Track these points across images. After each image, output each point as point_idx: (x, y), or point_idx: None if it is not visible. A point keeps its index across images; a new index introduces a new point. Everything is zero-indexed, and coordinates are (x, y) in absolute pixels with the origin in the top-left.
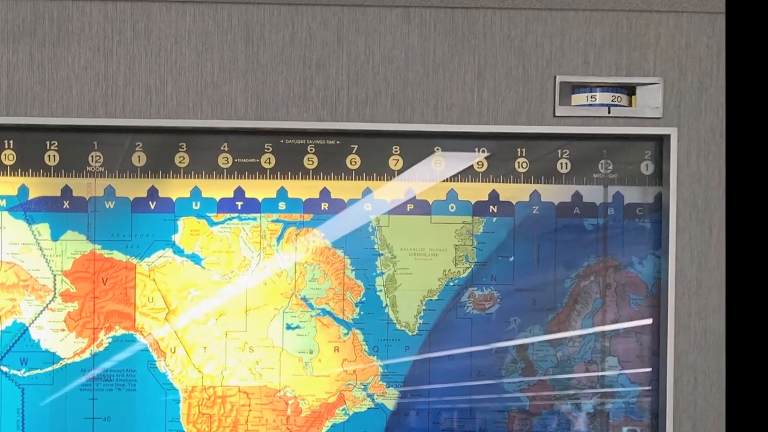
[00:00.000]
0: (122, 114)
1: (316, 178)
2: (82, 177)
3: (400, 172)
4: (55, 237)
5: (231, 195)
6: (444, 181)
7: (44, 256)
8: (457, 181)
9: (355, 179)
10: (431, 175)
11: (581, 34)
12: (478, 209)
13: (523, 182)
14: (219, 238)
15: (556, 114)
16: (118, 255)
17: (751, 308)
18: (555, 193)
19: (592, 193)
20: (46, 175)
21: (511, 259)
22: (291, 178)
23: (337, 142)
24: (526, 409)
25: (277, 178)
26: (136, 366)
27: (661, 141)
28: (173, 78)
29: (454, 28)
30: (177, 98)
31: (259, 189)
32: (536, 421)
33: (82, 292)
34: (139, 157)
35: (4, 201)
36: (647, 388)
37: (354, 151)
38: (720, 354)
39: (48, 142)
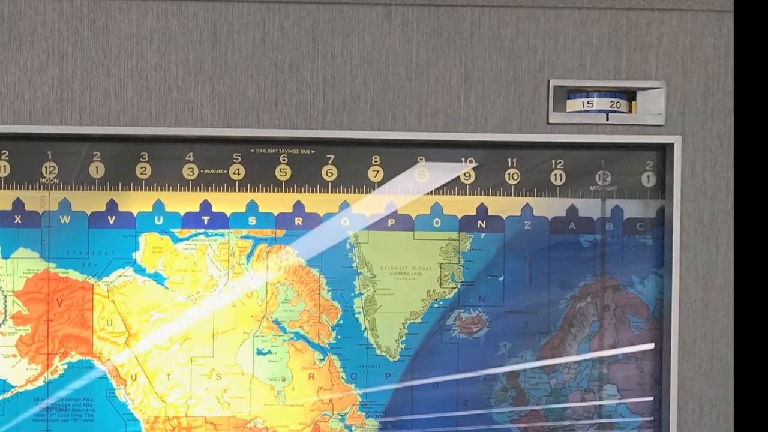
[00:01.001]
0: (78, 121)
1: (289, 191)
2: (35, 189)
3: (380, 184)
4: (5, 255)
5: (197, 209)
6: (428, 193)
7: None
8: (443, 193)
9: (332, 192)
10: (414, 187)
11: (577, 35)
12: (465, 224)
13: (514, 195)
14: (184, 256)
15: (550, 121)
16: (74, 274)
17: (761, 332)
18: (548, 207)
19: (589, 207)
20: None
21: (501, 278)
22: (262, 191)
23: (312, 151)
24: None
25: (246, 191)
26: (93, 395)
27: (664, 150)
28: (134, 82)
29: (438, 28)
30: (138, 104)
31: (227, 202)
32: None
33: (35, 315)
34: (96, 167)
35: None
36: (649, 418)
37: (330, 162)
38: (728, 382)
39: None
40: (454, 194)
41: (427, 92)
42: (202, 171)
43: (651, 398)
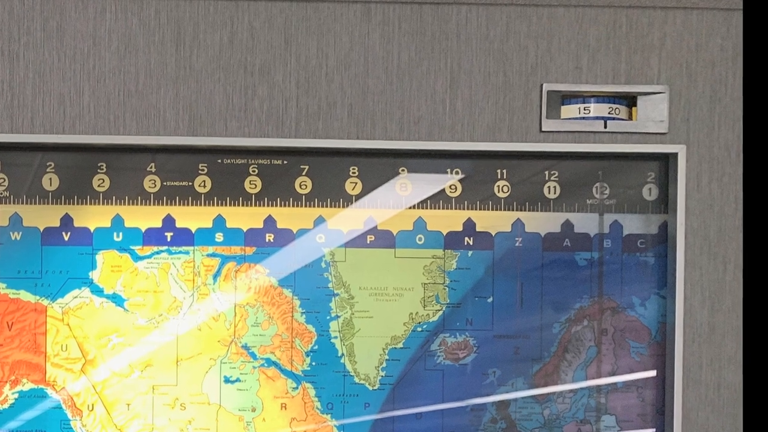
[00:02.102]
0: (30, 129)
1: (259, 205)
2: None
3: (358, 197)
4: None
5: (159, 224)
6: (410, 208)
7: None
8: (426, 208)
9: (306, 206)
10: (395, 201)
11: (573, 35)
12: (451, 241)
13: (504, 209)
14: (145, 276)
15: (543, 129)
16: (25, 295)
17: None
18: (542, 223)
19: (586, 223)
20: None
21: (490, 300)
22: (230, 205)
23: (285, 162)
24: None
25: (213, 205)
26: (47, 426)
27: (667, 161)
28: (91, 86)
29: (422, 27)
30: (95, 110)
31: (192, 217)
32: None
33: None
34: (50, 179)
35: None
36: None
37: (304, 173)
38: (736, 412)
39: None
40: (439, 208)
41: (410, 97)
42: (164, 183)
43: (653, 430)
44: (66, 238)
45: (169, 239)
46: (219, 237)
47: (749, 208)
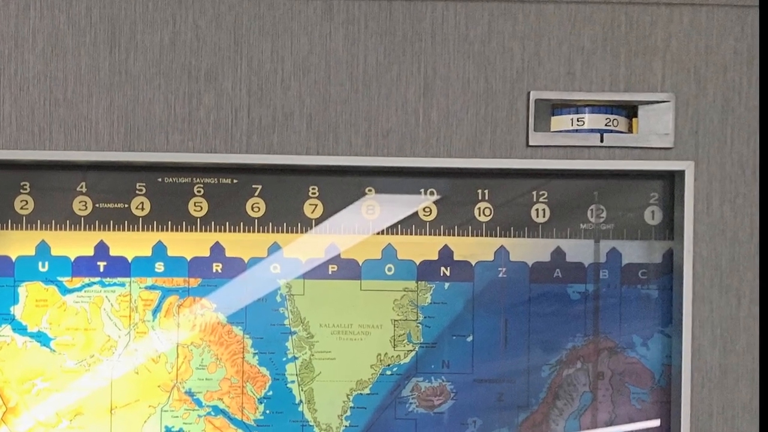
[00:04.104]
0: None
1: (205, 230)
2: None
3: (319, 221)
4: None
5: (90, 252)
6: (378, 233)
7: None
8: (397, 233)
9: (259, 231)
10: (361, 225)
11: (564, 35)
12: (425, 272)
13: (486, 235)
14: (74, 311)
15: (531, 143)
16: None
17: None
18: (529, 250)
19: (579, 250)
20: None
21: (470, 338)
22: (172, 230)
23: (234, 181)
24: None
25: (152, 230)
26: None
27: (673, 179)
28: (12, 95)
29: (392, 27)
30: (17, 122)
31: (128, 244)
32: None
33: None
34: None
35: None
36: None
37: (257, 194)
38: None
39: None
40: (411, 234)
41: (378, 107)
42: (97, 205)
43: None
44: None
45: (101, 269)
46: (159, 267)
47: (766, 233)
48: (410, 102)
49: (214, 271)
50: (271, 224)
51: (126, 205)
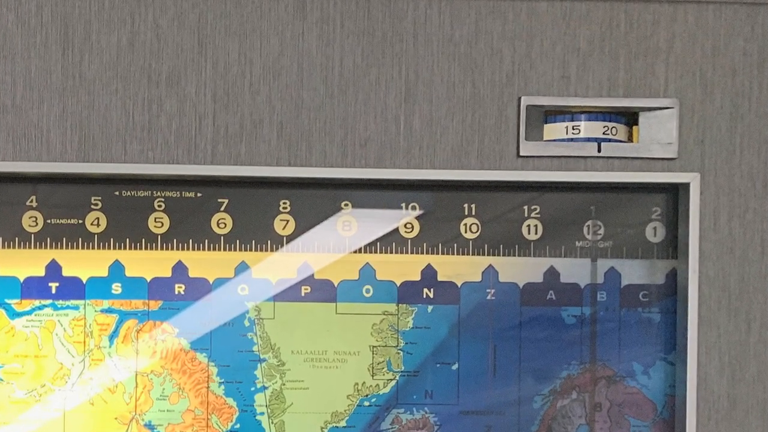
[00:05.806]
0: None
1: (166, 248)
2: None
3: (290, 238)
4: None
5: (41, 272)
6: (355, 252)
7: None
8: (376, 252)
9: (225, 249)
10: (337, 243)
11: (558, 36)
12: (406, 294)
13: (473, 254)
14: (24, 337)
15: (522, 153)
16: None
17: None
18: (519, 270)
19: (575, 270)
20: None
21: (455, 366)
22: (130, 248)
23: (199, 194)
24: None
25: (109, 248)
26: None
27: (677, 193)
28: None
29: (370, 27)
30: None
31: (83, 263)
32: None
33: None
34: None
35: None
36: None
37: (223, 208)
38: None
39: None
40: (392, 252)
41: (355, 114)
42: (48, 221)
43: None
44: None
45: (54, 291)
46: (116, 288)
47: None
48: (390, 108)
49: (176, 292)
50: (238, 242)
51: (80, 221)
